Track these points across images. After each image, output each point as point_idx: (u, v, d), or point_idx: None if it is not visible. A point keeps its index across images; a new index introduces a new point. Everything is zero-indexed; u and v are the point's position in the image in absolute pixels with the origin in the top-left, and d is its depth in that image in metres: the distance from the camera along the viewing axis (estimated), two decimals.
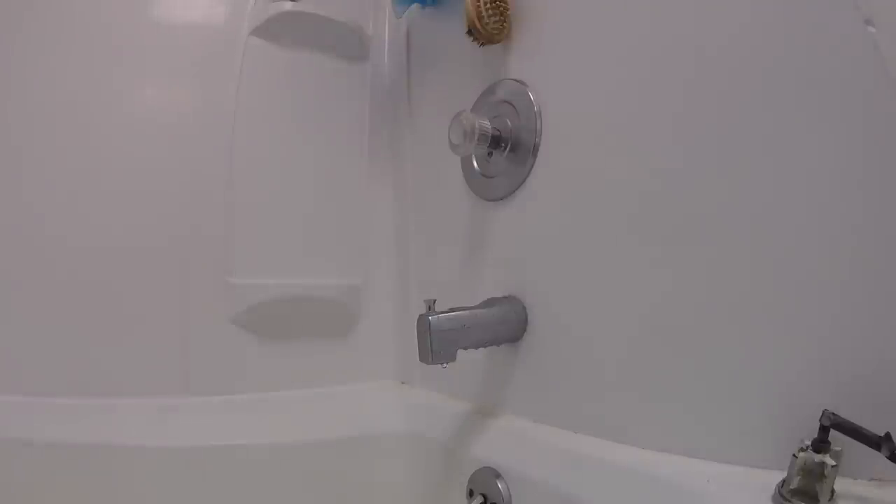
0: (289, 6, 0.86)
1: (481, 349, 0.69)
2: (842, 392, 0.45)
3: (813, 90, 0.47)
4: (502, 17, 0.71)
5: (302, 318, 0.87)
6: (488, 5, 0.69)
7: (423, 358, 0.62)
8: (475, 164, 0.78)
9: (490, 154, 0.74)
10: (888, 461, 0.40)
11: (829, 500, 0.42)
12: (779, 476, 0.44)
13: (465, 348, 0.65)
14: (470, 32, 0.71)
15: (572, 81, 0.67)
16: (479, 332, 0.66)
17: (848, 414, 0.43)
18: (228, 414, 0.78)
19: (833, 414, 0.43)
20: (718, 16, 0.53)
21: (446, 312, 0.64)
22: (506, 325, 0.69)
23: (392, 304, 0.95)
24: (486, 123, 0.70)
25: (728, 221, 0.52)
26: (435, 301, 0.64)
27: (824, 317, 0.47)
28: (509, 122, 0.72)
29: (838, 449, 0.42)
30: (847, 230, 0.46)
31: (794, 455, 0.43)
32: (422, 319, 0.62)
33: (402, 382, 0.93)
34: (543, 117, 0.69)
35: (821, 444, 0.42)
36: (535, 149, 0.70)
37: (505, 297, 0.72)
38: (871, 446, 0.41)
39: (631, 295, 0.60)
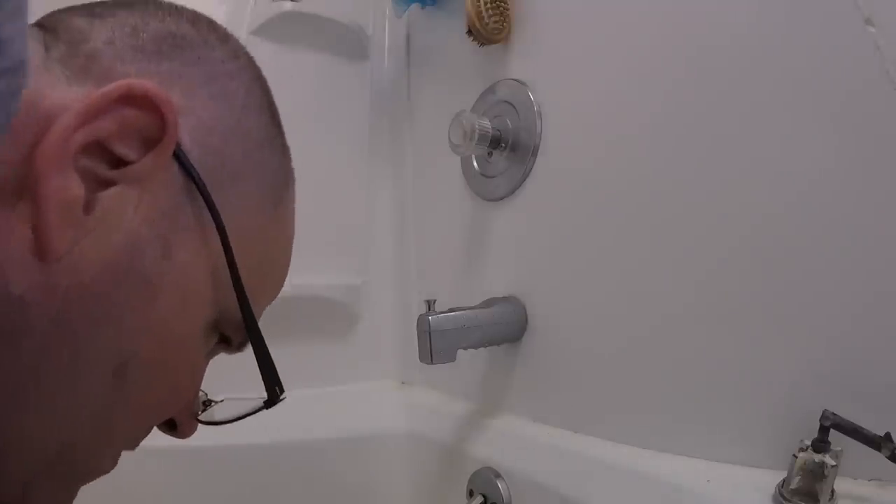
0: (289, 6, 0.86)
1: (481, 349, 0.69)
2: (842, 392, 0.45)
3: (812, 90, 0.47)
4: (502, 17, 0.71)
5: (302, 318, 0.87)
6: (488, 5, 0.69)
7: (423, 358, 0.62)
8: (475, 164, 0.78)
9: (490, 154, 0.74)
10: (888, 461, 0.40)
11: (829, 500, 0.42)
12: (779, 476, 0.44)
13: (465, 348, 0.65)
14: (470, 32, 0.71)
15: (572, 81, 0.67)
16: (479, 332, 0.66)
17: (848, 414, 0.43)
18: None
19: (833, 414, 0.43)
20: (718, 16, 0.53)
21: (446, 312, 0.64)
22: (506, 325, 0.69)
23: (392, 304, 0.94)
24: (486, 123, 0.70)
25: (727, 221, 0.52)
26: (435, 301, 0.64)
27: (824, 317, 0.47)
28: (509, 122, 0.72)
29: (838, 449, 0.42)
30: (846, 230, 0.46)
31: (794, 455, 0.43)
32: (422, 319, 0.62)
33: (403, 382, 0.93)
34: (543, 117, 0.69)
35: (821, 444, 0.42)
36: (535, 149, 0.70)
37: (505, 297, 0.72)
38: (871, 446, 0.41)
39: (631, 295, 0.60)
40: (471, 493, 0.69)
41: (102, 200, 0.24)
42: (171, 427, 0.34)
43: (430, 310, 0.63)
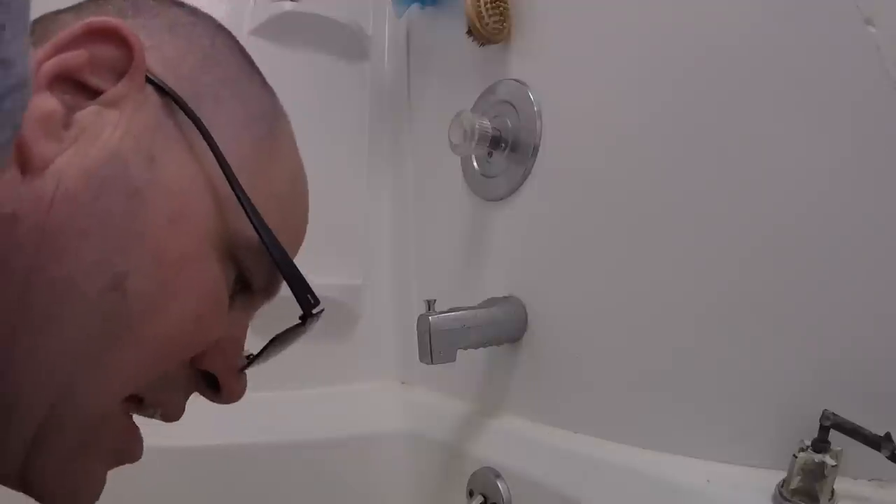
0: (289, 6, 0.86)
1: (481, 349, 0.69)
2: (842, 392, 0.45)
3: (813, 90, 0.47)
4: (502, 17, 0.71)
5: None
6: (488, 5, 0.69)
7: (423, 358, 0.62)
8: (475, 164, 0.78)
9: (490, 154, 0.74)
10: (888, 461, 0.40)
11: (829, 500, 0.42)
12: (779, 476, 0.44)
13: (465, 348, 0.65)
14: (470, 32, 0.71)
15: (572, 81, 0.67)
16: (479, 332, 0.66)
17: (848, 414, 0.43)
18: (229, 414, 0.78)
19: (833, 414, 0.43)
20: (718, 16, 0.53)
21: (446, 312, 0.64)
22: (506, 325, 0.69)
23: (392, 304, 0.94)
24: (486, 123, 0.70)
25: (728, 221, 0.52)
26: (435, 301, 0.64)
27: (824, 317, 0.47)
28: (509, 122, 0.72)
29: (838, 449, 0.42)
30: (847, 230, 0.46)
31: (794, 455, 0.43)
32: (422, 319, 0.62)
33: (402, 382, 0.93)
34: (543, 117, 0.69)
35: (821, 444, 0.42)
36: (535, 149, 0.70)
37: (505, 298, 0.72)
38: (871, 446, 0.41)
39: (631, 295, 0.60)
40: (471, 493, 0.69)
41: (80, 119, 0.25)
42: (214, 389, 0.32)
43: (430, 310, 0.63)
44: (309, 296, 0.30)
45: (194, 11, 0.32)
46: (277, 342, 0.32)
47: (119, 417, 0.29)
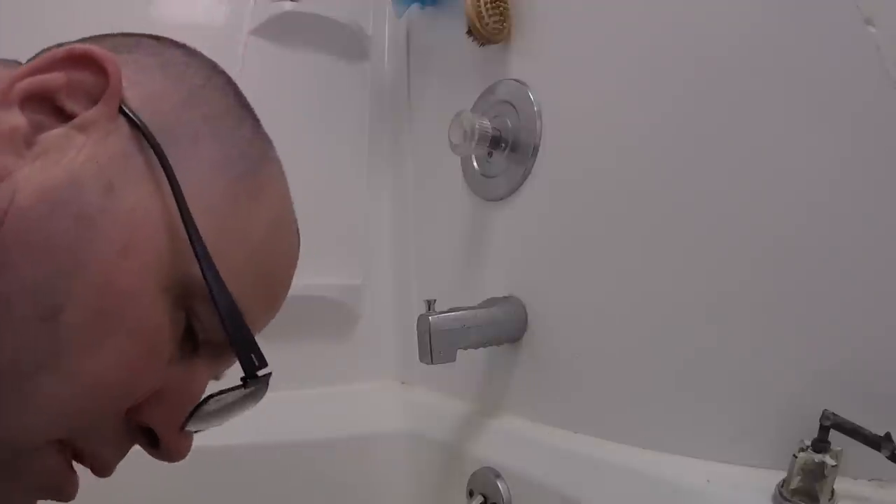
0: (289, 6, 0.86)
1: (481, 349, 0.69)
2: (842, 392, 0.45)
3: (813, 90, 0.47)
4: (502, 17, 0.71)
5: (302, 318, 0.87)
6: (488, 5, 0.69)
7: (423, 358, 0.62)
8: (475, 164, 0.78)
9: (490, 154, 0.74)
10: (888, 461, 0.40)
11: (829, 500, 0.42)
12: (779, 476, 0.44)
13: (465, 348, 0.65)
14: (470, 32, 0.71)
15: (572, 81, 0.67)
16: (479, 332, 0.66)
17: (848, 414, 0.43)
18: None
19: (833, 414, 0.43)
20: (719, 16, 0.53)
21: (446, 312, 0.64)
22: (506, 325, 0.69)
23: (392, 304, 0.94)
24: (486, 123, 0.70)
25: (728, 222, 0.52)
26: (435, 301, 0.64)
27: (824, 317, 0.47)
28: (509, 122, 0.72)
29: (838, 449, 0.42)
30: (847, 230, 0.46)
31: (794, 455, 0.43)
32: (422, 319, 0.62)
33: (402, 382, 0.93)
34: (543, 117, 0.69)
35: (821, 444, 0.42)
36: (535, 149, 0.70)
37: (505, 298, 0.72)
38: (871, 446, 0.41)
39: (631, 295, 0.60)
40: (471, 493, 0.69)
41: (44, 139, 0.25)
42: (152, 444, 0.29)
43: (430, 310, 0.63)
44: (254, 356, 0.27)
45: (192, 52, 0.32)
46: (213, 402, 0.28)
47: (51, 455, 0.27)
